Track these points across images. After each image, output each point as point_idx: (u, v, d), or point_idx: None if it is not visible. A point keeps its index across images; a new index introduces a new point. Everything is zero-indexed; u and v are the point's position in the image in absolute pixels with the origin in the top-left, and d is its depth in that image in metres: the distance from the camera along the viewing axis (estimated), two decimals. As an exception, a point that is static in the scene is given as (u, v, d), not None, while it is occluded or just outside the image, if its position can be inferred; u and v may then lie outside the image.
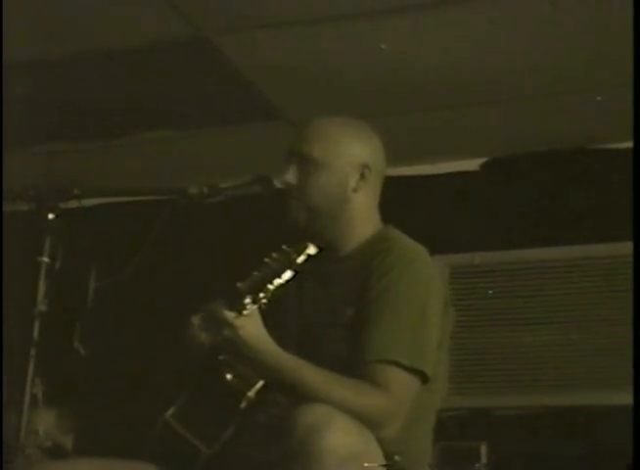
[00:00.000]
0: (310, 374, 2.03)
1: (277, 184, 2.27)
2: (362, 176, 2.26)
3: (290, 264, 2.04)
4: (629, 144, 3.50)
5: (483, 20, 3.17)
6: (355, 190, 2.25)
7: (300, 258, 2.05)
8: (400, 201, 3.88)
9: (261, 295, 2.01)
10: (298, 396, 2.00)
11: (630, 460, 2.18)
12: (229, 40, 3.32)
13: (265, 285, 2.01)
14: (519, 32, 3.25)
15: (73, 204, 2.11)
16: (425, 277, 2.17)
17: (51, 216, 2.03)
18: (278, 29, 3.25)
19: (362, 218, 2.27)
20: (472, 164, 4.23)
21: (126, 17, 3.15)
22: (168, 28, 3.23)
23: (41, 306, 1.98)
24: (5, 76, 3.36)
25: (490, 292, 4.03)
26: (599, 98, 3.63)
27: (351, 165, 2.25)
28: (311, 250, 2.07)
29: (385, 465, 1.97)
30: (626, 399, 2.45)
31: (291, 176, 2.22)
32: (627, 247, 2.64)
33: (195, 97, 3.73)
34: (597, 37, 3.23)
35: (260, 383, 2.09)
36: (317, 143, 2.22)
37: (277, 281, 2.02)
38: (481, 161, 4.24)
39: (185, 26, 3.21)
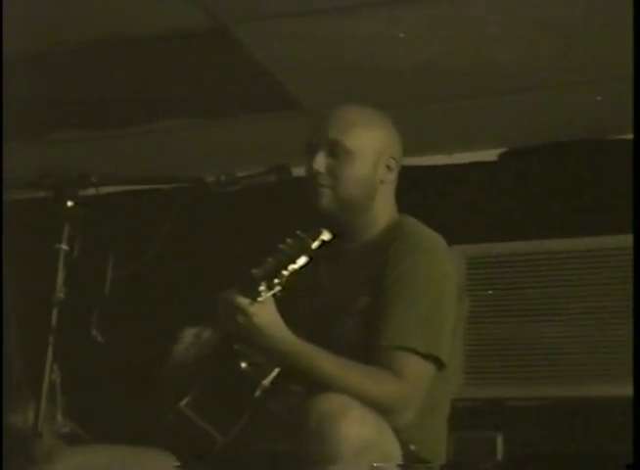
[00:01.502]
0: (325, 361, 2.03)
1: (298, 172, 2.27)
2: (389, 168, 2.27)
3: (304, 250, 2.02)
4: (630, 135, 3.49)
5: (495, 11, 3.15)
6: (382, 181, 2.26)
7: (315, 244, 2.03)
8: (418, 191, 3.88)
9: (276, 281, 1.99)
10: (314, 383, 2.00)
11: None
12: (246, 29, 3.32)
13: (280, 271, 1.99)
14: (536, 22, 3.23)
15: (91, 191, 2.11)
16: (440, 265, 2.18)
17: (70, 204, 2.03)
18: (294, 19, 3.24)
19: (383, 208, 2.28)
20: (489, 155, 4.22)
21: (144, 5, 3.15)
22: (186, 17, 3.22)
23: (60, 294, 1.98)
24: (17, 62, 3.36)
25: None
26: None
27: (381, 157, 2.25)
28: (326, 236, 2.05)
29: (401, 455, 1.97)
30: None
31: (320, 164, 2.21)
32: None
33: (211, 86, 3.73)
34: (599, 27, 3.22)
35: (275, 371, 2.09)
36: (349, 132, 2.22)
37: (292, 267, 2.00)
38: (499, 151, 4.23)
39: (202, 15, 3.21)
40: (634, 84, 2.52)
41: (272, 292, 2.00)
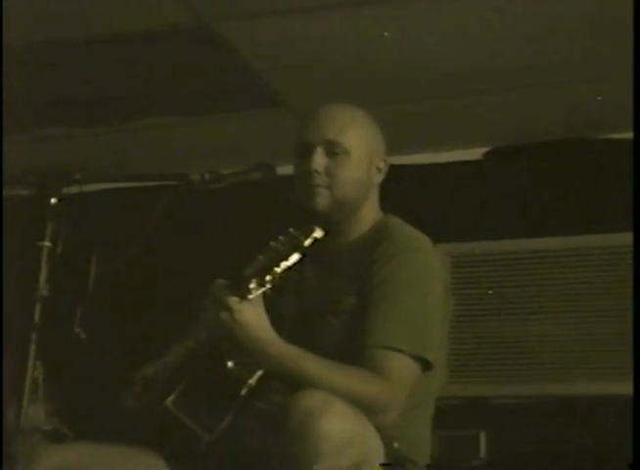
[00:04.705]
0: (311, 364, 2.03)
1: (283, 170, 2.26)
2: (379, 169, 2.28)
3: (297, 247, 2.02)
4: (630, 134, 3.49)
5: (486, 9, 3.16)
6: (374, 183, 2.27)
7: (307, 241, 2.03)
8: (402, 189, 3.88)
9: (268, 278, 1.99)
10: (299, 385, 1.99)
11: (630, 450, 2.18)
12: (231, 27, 3.32)
13: (272, 268, 1.99)
14: (520, 22, 3.24)
15: (75, 189, 2.10)
16: (427, 265, 2.18)
17: (53, 201, 2.03)
18: (280, 17, 3.24)
19: (370, 209, 2.28)
20: (474, 154, 4.23)
21: (128, 3, 3.14)
22: (170, 15, 3.22)
23: (43, 291, 1.98)
24: (6, 60, 3.35)
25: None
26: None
27: (373, 158, 2.26)
28: (318, 233, 2.05)
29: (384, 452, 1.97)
30: (625, 388, 2.46)
31: (318, 164, 2.20)
32: (628, 237, 2.64)
33: (197, 84, 3.72)
34: (597, 26, 3.22)
35: (261, 370, 2.09)
36: (346, 132, 2.22)
37: (284, 264, 2.00)
38: (483, 150, 4.24)
39: (187, 13, 3.21)
40: (634, 84, 2.52)
41: (263, 289, 2.00)
